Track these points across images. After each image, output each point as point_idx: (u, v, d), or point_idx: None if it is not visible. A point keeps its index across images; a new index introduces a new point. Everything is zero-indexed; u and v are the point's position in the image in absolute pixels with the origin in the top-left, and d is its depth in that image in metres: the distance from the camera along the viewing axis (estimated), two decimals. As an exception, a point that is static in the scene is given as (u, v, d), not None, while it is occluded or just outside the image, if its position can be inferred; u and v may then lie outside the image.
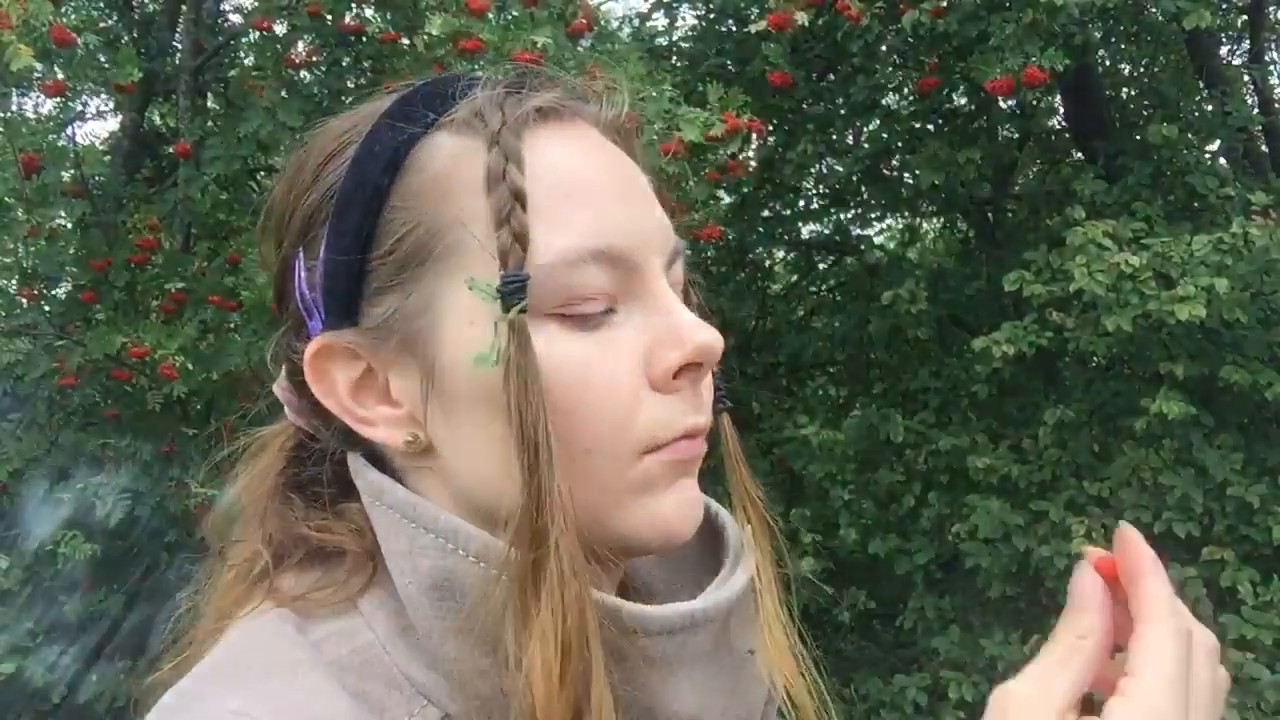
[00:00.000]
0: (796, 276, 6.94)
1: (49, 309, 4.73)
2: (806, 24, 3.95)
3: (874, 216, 6.44)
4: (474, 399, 0.56)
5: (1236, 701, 3.80)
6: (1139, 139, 5.33)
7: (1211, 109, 5.46)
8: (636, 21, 6.23)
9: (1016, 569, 4.46)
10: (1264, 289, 4.14)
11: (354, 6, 4.50)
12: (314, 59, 4.89)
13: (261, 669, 0.54)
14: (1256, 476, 4.28)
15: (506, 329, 0.54)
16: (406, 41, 4.23)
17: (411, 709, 0.56)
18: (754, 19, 4.23)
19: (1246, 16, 5.87)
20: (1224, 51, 6.27)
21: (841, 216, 6.39)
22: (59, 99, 5.32)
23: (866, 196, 6.19)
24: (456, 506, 0.58)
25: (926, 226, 7.14)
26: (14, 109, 5.15)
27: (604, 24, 5.17)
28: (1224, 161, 5.48)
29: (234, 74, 5.19)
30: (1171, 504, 4.24)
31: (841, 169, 6.06)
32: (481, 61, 3.46)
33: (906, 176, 5.85)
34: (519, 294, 0.54)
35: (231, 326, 4.34)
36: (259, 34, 4.71)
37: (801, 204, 6.43)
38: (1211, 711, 0.50)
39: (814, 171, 6.15)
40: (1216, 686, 0.52)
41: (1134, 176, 4.86)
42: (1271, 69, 6.45)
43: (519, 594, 0.53)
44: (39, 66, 3.64)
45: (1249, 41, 6.01)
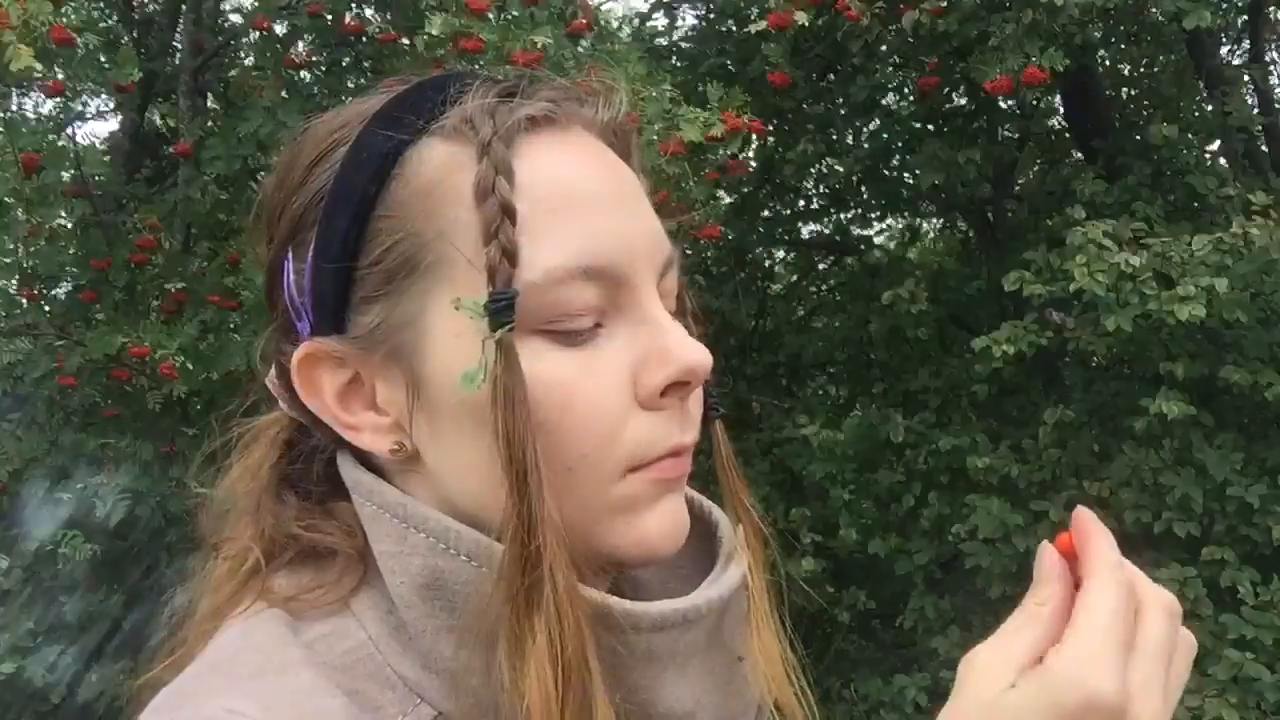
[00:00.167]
0: (796, 276, 6.93)
1: (49, 309, 4.73)
2: (806, 24, 3.94)
3: (874, 216, 6.42)
4: (460, 414, 0.56)
5: (1236, 701, 3.79)
6: (1139, 139, 5.32)
7: (1211, 109, 5.46)
8: (636, 21, 6.23)
9: (1016, 569, 4.45)
10: (1264, 289, 4.13)
11: (354, 6, 4.51)
12: (314, 59, 4.90)
13: (254, 668, 0.54)
14: (1256, 476, 4.27)
15: (494, 347, 0.54)
16: (406, 41, 4.23)
17: (405, 708, 0.56)
18: (754, 19, 4.22)
19: (1246, 16, 5.86)
20: (1224, 51, 6.26)
21: (841, 216, 6.38)
22: (59, 99, 5.33)
23: (866, 196, 6.18)
24: (443, 510, 0.58)
25: (926, 226, 7.13)
26: (14, 109, 5.17)
27: (604, 24, 5.18)
28: (1224, 161, 5.47)
29: (234, 74, 5.19)
30: (1171, 504, 4.23)
31: (841, 169, 6.05)
32: (481, 61, 3.46)
33: (906, 176, 5.85)
34: (506, 312, 0.53)
35: (231, 326, 4.35)
36: (259, 34, 4.71)
37: (801, 204, 6.43)
38: (1159, 663, 0.51)
39: (814, 171, 6.14)
40: (1175, 644, 0.53)
41: (1134, 176, 4.85)
42: (1271, 69, 6.44)
43: (513, 618, 0.53)
44: (39, 66, 3.64)
45: (1249, 41, 6.01)
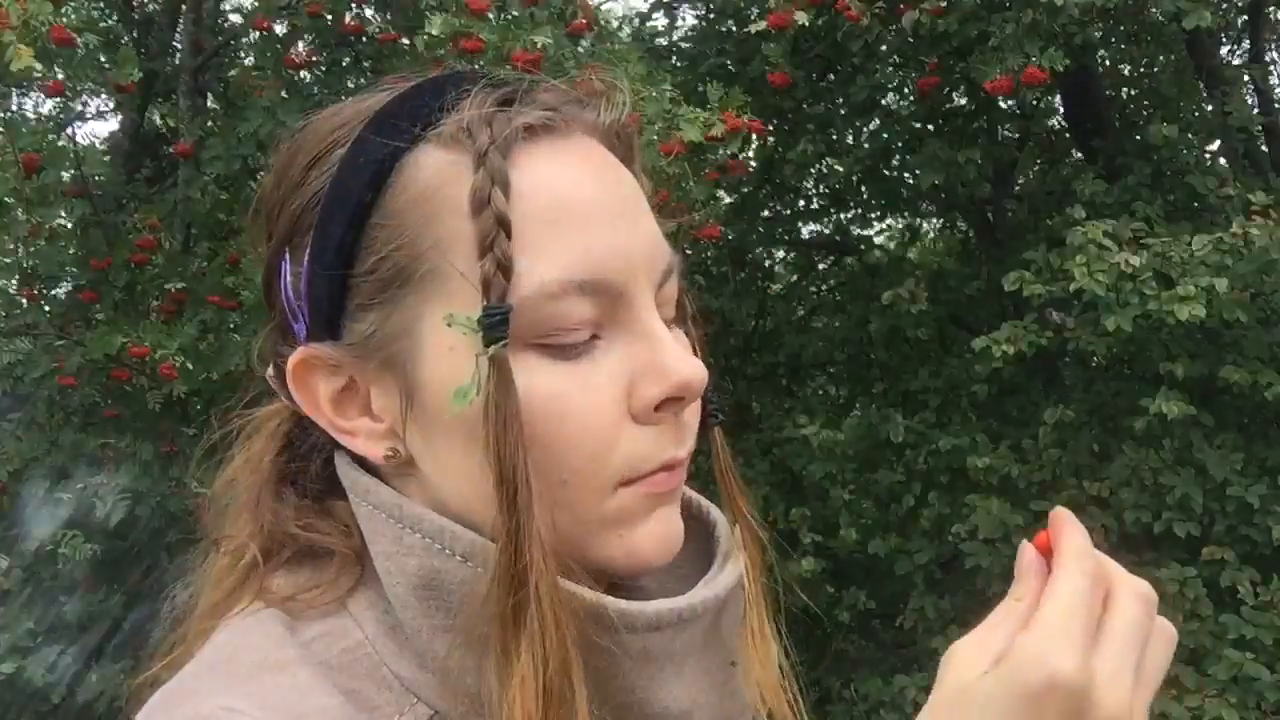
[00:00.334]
0: (796, 276, 6.93)
1: (49, 309, 4.73)
2: (806, 24, 3.94)
3: (874, 216, 6.42)
4: (453, 426, 0.56)
5: (1236, 701, 3.80)
6: (1139, 139, 5.32)
7: (1211, 109, 5.46)
8: (636, 21, 6.22)
9: (1016, 569, 4.45)
10: (1264, 289, 4.13)
11: (354, 6, 4.51)
12: (314, 59, 4.90)
13: (251, 667, 0.54)
14: (1256, 476, 4.27)
15: (486, 363, 0.53)
16: (406, 41, 4.23)
17: (401, 707, 0.56)
18: (754, 19, 4.22)
19: (1246, 16, 5.86)
20: (1224, 51, 6.26)
21: (841, 216, 6.38)
22: (59, 99, 5.34)
23: (866, 196, 6.17)
24: (439, 513, 0.58)
25: (926, 226, 7.13)
26: (14, 109, 5.17)
27: (604, 24, 5.17)
28: (1224, 161, 5.47)
29: (234, 74, 5.19)
30: (1171, 504, 4.24)
31: (841, 169, 6.05)
32: (481, 62, 3.46)
33: (906, 176, 5.84)
34: (500, 327, 0.53)
35: (231, 326, 4.35)
36: (259, 34, 4.72)
37: (801, 204, 6.43)
38: (1128, 649, 0.52)
39: (814, 171, 6.14)
40: (1148, 632, 0.53)
41: (1134, 176, 4.85)
42: (1271, 69, 6.44)
43: (499, 635, 0.53)
44: (39, 66, 3.64)
45: (1249, 41, 6.01)
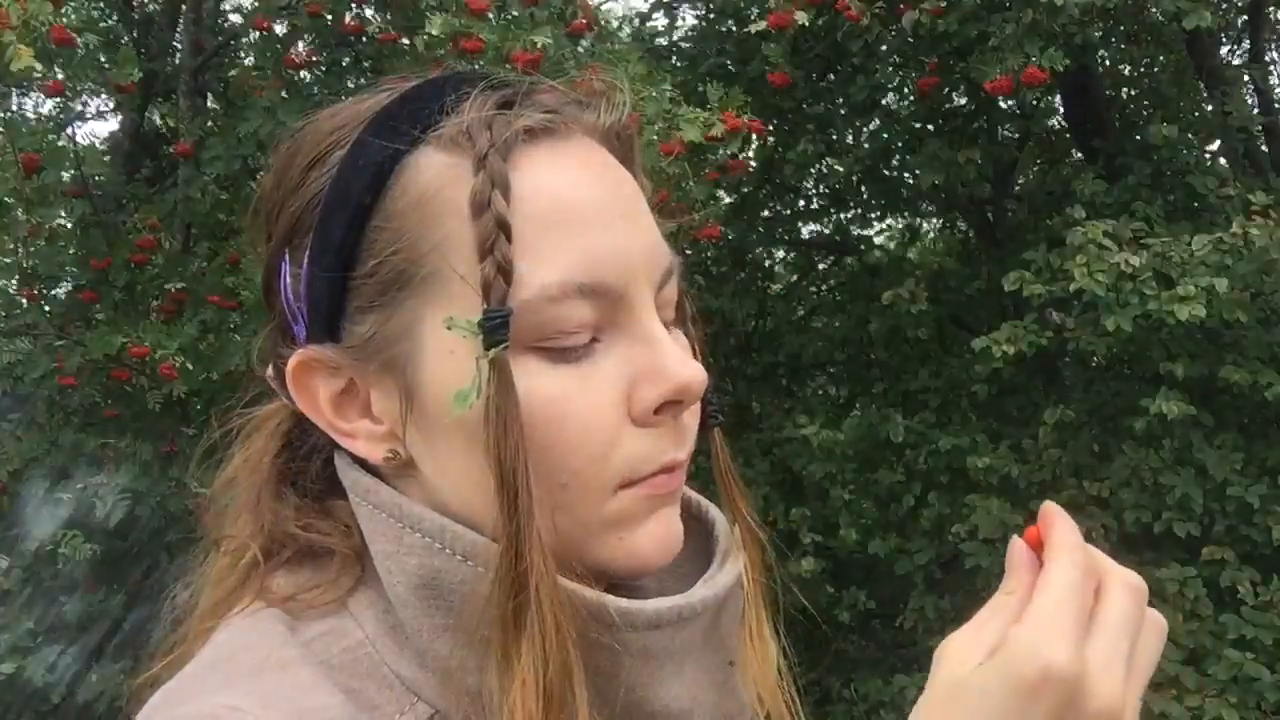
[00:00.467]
0: (796, 276, 6.92)
1: (49, 309, 4.73)
2: (806, 24, 3.94)
3: (874, 216, 6.42)
4: (453, 428, 0.56)
5: (1236, 701, 3.79)
6: (1139, 139, 5.32)
7: (1211, 109, 5.46)
8: (636, 21, 6.23)
9: (1016, 569, 4.45)
10: (1264, 289, 4.13)
11: (354, 6, 4.51)
12: (314, 59, 4.89)
13: (252, 666, 0.54)
14: (1256, 476, 4.27)
15: (487, 366, 0.53)
16: (406, 41, 4.23)
17: (402, 706, 0.56)
18: (754, 19, 4.22)
19: (1246, 16, 5.86)
20: (1224, 51, 6.26)
21: (841, 216, 6.38)
22: (59, 99, 5.34)
23: (866, 196, 6.17)
24: (439, 514, 0.58)
25: (926, 226, 7.13)
26: (14, 109, 5.17)
27: (604, 24, 5.17)
28: (1224, 161, 5.47)
29: (234, 74, 5.19)
30: (1171, 504, 4.24)
31: (841, 169, 6.05)
32: (481, 62, 3.46)
33: (906, 176, 5.85)
34: (501, 330, 0.53)
35: (231, 326, 4.35)
36: (259, 34, 4.72)
37: (801, 204, 6.43)
38: (1120, 639, 0.52)
39: (814, 171, 6.14)
40: (1140, 623, 0.54)
41: (1134, 176, 4.85)
42: (1271, 69, 6.44)
43: (500, 638, 0.53)
44: (39, 66, 3.64)
45: (1249, 41, 6.01)
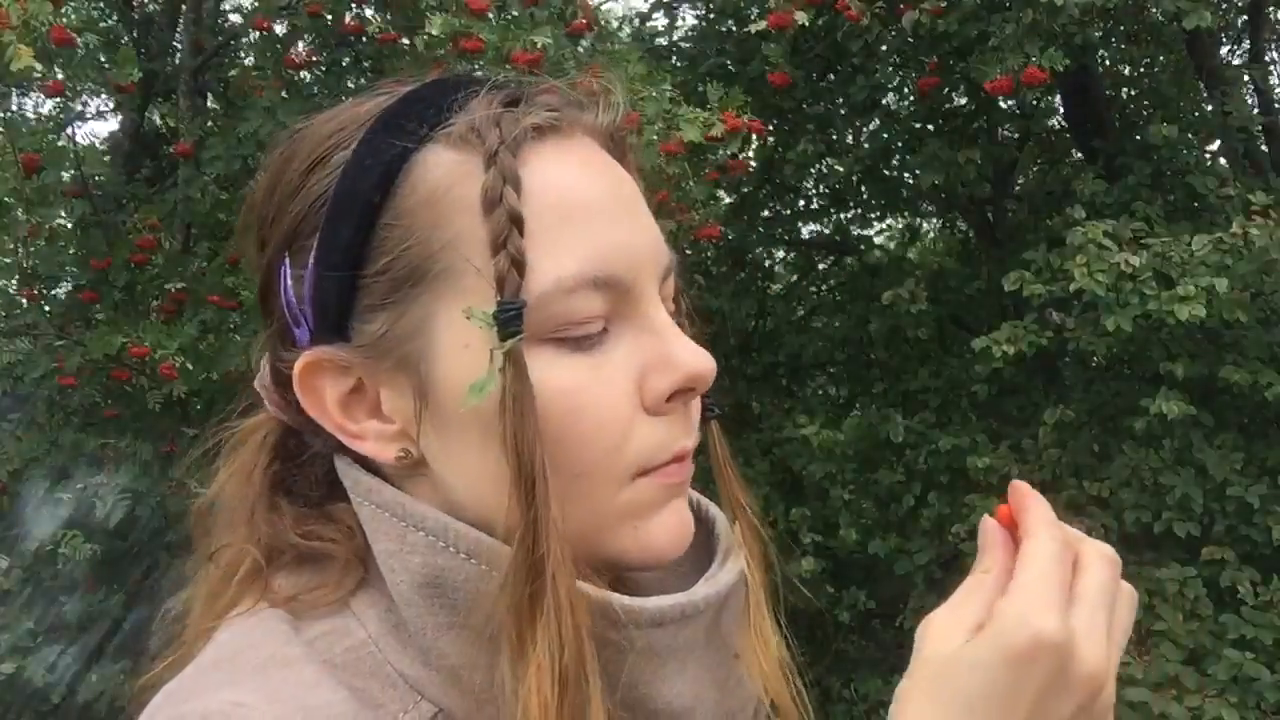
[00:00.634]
0: (796, 276, 6.92)
1: (49, 309, 4.73)
2: (806, 24, 3.94)
3: (874, 216, 6.42)
4: (468, 422, 0.56)
5: (1236, 701, 3.79)
6: (1139, 139, 5.32)
7: (1211, 109, 5.46)
8: (636, 21, 6.22)
9: (1016, 569, 4.44)
10: (1264, 289, 4.13)
11: (354, 6, 4.51)
12: (314, 59, 4.89)
13: (256, 664, 0.55)
14: (1256, 476, 4.27)
15: (502, 357, 0.54)
16: (406, 41, 4.23)
17: (406, 705, 0.56)
18: (754, 19, 4.22)
19: (1246, 16, 5.86)
20: (1224, 51, 6.26)
21: (841, 216, 6.38)
22: (59, 99, 5.33)
23: (866, 196, 6.18)
24: (449, 513, 0.58)
25: (926, 226, 7.13)
26: (14, 109, 5.16)
27: (604, 24, 5.17)
28: (1224, 161, 5.47)
29: (234, 74, 5.19)
30: (1171, 504, 4.23)
31: (841, 169, 6.05)
32: (481, 62, 3.46)
33: (906, 176, 5.85)
34: (515, 322, 0.54)
35: (231, 326, 4.35)
36: (259, 34, 4.72)
37: (801, 204, 6.43)
38: (1100, 609, 0.55)
39: (814, 171, 6.14)
40: (1116, 592, 0.57)
41: (1134, 176, 4.85)
42: (1271, 69, 6.44)
43: (515, 625, 0.53)
44: (39, 66, 3.64)
45: (1249, 41, 6.00)
